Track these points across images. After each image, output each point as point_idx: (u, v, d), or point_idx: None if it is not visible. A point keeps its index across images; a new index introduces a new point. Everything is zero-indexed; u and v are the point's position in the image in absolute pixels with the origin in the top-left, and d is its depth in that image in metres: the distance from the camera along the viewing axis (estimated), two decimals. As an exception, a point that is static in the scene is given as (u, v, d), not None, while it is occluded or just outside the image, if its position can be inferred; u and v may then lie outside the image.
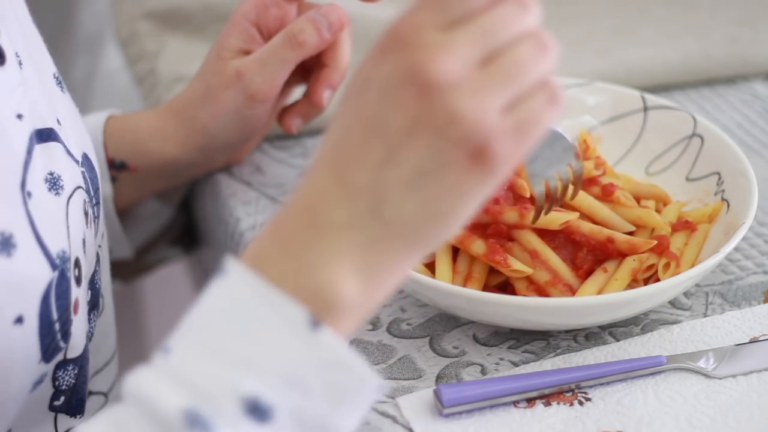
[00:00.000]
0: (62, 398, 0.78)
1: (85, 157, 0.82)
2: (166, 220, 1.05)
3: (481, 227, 0.84)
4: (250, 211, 0.96)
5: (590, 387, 0.79)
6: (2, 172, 0.71)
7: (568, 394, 0.78)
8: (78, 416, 0.80)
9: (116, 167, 0.95)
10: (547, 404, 0.77)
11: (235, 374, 0.60)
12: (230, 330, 0.61)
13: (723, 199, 0.88)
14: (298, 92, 0.97)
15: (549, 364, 0.81)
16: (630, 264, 0.83)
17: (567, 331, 0.83)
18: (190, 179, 1.01)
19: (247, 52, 0.93)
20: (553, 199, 0.80)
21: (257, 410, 0.59)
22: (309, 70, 0.95)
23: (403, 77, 0.59)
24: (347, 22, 0.92)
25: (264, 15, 0.93)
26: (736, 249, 0.90)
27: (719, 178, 0.90)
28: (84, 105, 1.22)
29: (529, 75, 0.60)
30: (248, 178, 1.00)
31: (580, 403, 0.77)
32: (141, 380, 0.61)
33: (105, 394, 0.86)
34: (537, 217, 0.82)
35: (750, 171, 0.87)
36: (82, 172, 0.80)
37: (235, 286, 0.61)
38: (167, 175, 0.97)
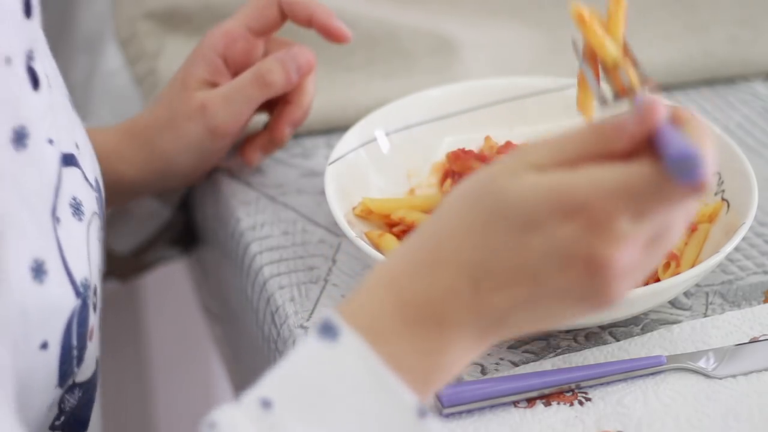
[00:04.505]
0: (62, 418, 0.77)
1: (97, 182, 0.82)
2: (165, 219, 1.04)
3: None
4: (250, 211, 0.96)
5: (590, 387, 0.78)
6: (37, 199, 0.70)
7: (568, 394, 0.78)
8: None
9: None
10: (547, 404, 0.77)
11: None
12: (338, 401, 0.61)
13: (723, 199, 0.88)
14: (256, 119, 0.97)
15: (549, 364, 0.81)
16: None
17: (567, 331, 0.83)
18: (141, 198, 1.01)
19: (212, 84, 0.93)
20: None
21: None
22: (271, 101, 0.96)
23: (581, 254, 0.61)
24: (315, 66, 0.94)
25: (232, 48, 0.94)
26: (736, 249, 0.90)
27: (719, 178, 0.90)
28: (84, 105, 1.22)
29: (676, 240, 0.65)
30: (248, 178, 1.00)
31: (580, 403, 0.77)
32: (239, 427, 0.61)
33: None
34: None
35: (750, 171, 0.87)
36: (96, 198, 0.80)
37: (349, 357, 0.62)
38: (118, 194, 0.96)
